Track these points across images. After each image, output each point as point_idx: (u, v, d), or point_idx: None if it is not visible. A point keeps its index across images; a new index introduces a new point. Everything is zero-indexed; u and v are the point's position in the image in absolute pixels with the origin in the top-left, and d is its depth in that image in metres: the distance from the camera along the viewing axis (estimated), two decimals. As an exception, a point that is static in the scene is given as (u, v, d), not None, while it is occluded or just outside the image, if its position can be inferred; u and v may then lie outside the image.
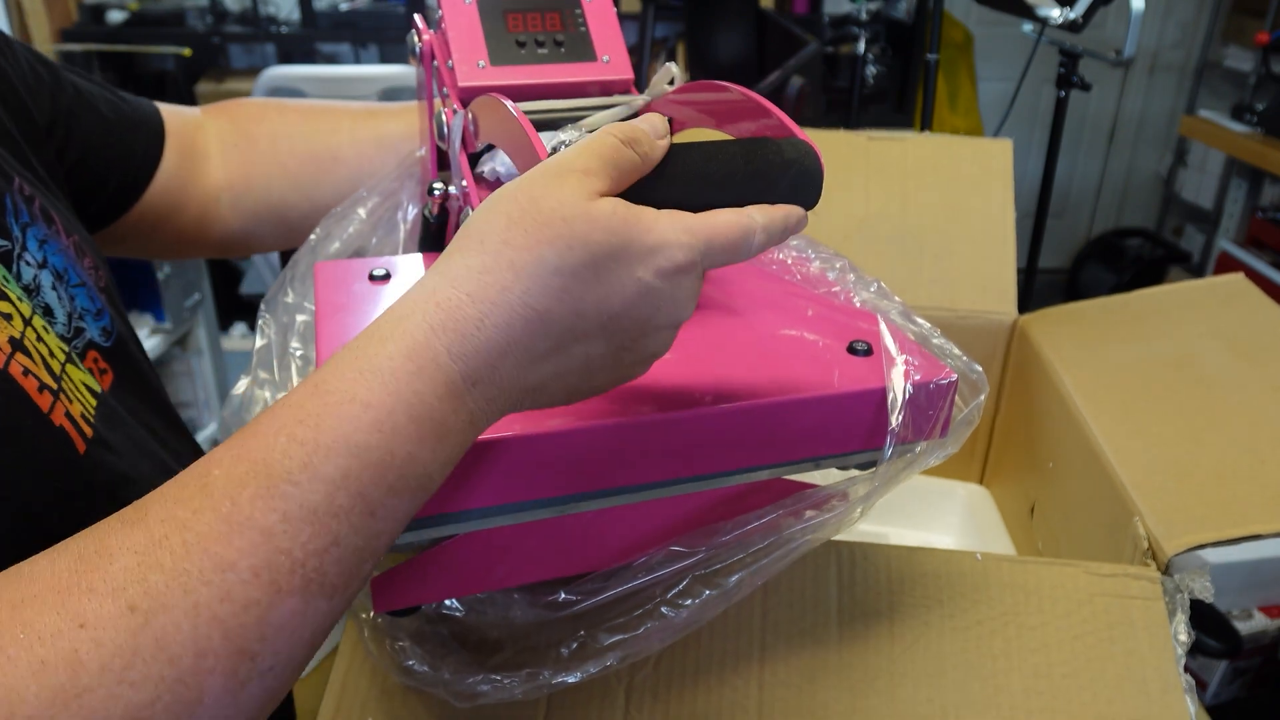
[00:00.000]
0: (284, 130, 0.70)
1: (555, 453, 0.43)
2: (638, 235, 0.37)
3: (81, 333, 0.50)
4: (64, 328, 0.49)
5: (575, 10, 0.57)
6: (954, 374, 0.49)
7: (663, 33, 2.89)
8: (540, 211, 0.36)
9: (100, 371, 0.51)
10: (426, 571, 0.47)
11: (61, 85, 0.60)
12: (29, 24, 2.49)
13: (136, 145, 0.64)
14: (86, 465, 0.44)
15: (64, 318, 0.49)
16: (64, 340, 0.48)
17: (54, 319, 0.48)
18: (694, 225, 0.38)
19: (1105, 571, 0.55)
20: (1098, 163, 3.51)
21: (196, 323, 2.08)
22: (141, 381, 0.55)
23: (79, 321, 0.50)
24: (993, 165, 0.95)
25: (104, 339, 0.52)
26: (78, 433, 0.44)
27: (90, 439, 0.45)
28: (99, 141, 0.62)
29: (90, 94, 0.62)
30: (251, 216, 0.70)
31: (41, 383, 0.43)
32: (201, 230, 0.69)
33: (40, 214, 0.50)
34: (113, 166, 0.63)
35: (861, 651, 0.52)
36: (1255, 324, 0.78)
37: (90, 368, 0.49)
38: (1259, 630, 1.40)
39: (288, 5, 2.82)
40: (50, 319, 0.48)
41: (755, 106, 0.45)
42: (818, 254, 0.61)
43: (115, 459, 0.46)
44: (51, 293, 0.49)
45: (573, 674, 0.47)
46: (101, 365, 0.51)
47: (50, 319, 0.48)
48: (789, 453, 0.47)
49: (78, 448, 0.44)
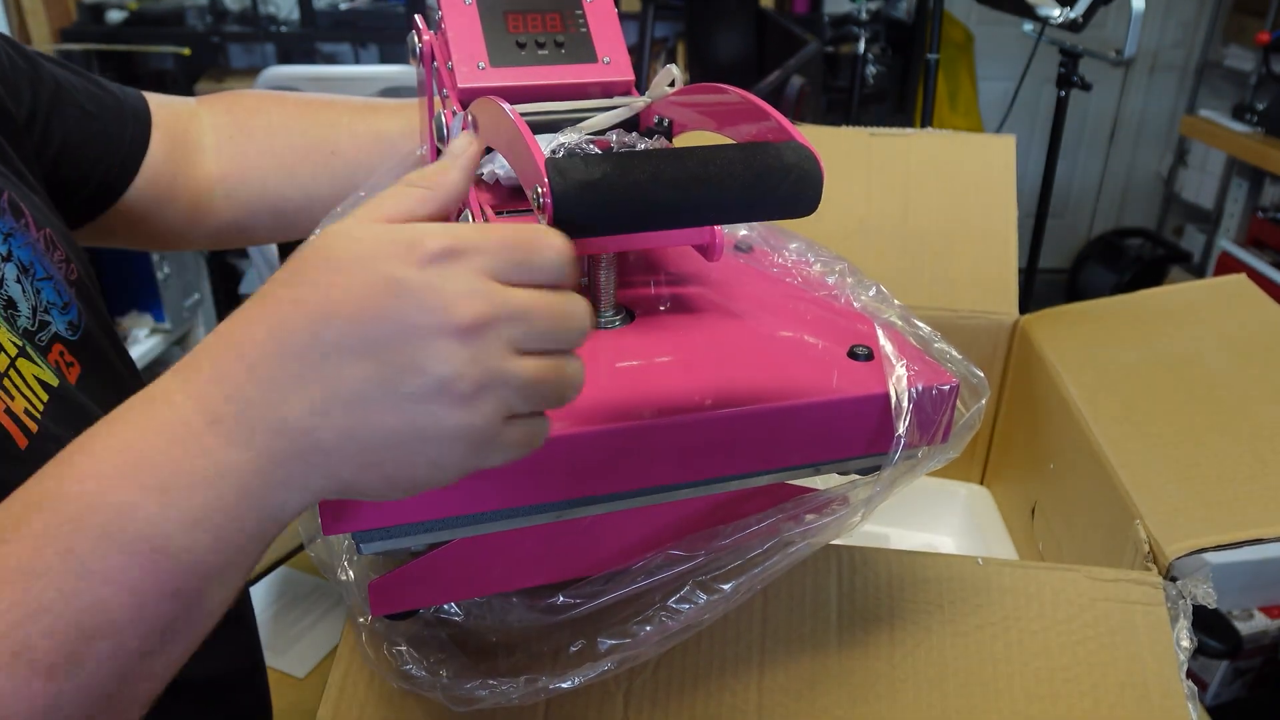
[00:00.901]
0: (281, 123, 0.69)
1: (554, 458, 0.42)
2: (383, 232, 0.33)
3: (46, 326, 0.50)
4: (28, 320, 0.48)
5: (576, 11, 0.57)
6: (956, 380, 0.48)
7: (663, 33, 2.89)
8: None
9: (66, 365, 0.50)
10: (424, 575, 0.47)
11: (41, 77, 0.60)
12: (28, 23, 2.49)
13: (122, 137, 0.64)
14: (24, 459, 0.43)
15: (28, 311, 0.49)
16: (26, 334, 0.48)
17: (17, 312, 0.48)
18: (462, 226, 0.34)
19: (1107, 576, 0.55)
20: (1098, 163, 3.51)
21: (196, 323, 2.08)
22: (111, 373, 0.55)
23: (44, 315, 0.50)
24: (995, 162, 0.94)
25: (70, 332, 0.52)
26: (19, 428, 0.44)
27: (34, 434, 0.44)
28: (80, 134, 0.61)
29: (71, 86, 0.62)
30: (246, 209, 0.69)
31: None
32: (194, 221, 0.68)
33: (8, 207, 0.50)
34: (97, 159, 0.62)
35: (862, 657, 0.52)
36: (1256, 324, 0.78)
37: (55, 361, 0.49)
38: (1259, 630, 1.40)
39: (287, 5, 2.82)
40: (14, 311, 0.48)
41: (755, 109, 0.45)
42: (818, 256, 0.61)
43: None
44: (15, 285, 0.48)
45: (571, 679, 0.47)
46: (68, 359, 0.51)
47: (14, 311, 0.48)
48: (790, 458, 0.47)
49: (18, 443, 0.43)
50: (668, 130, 0.54)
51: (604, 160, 0.39)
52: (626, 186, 0.38)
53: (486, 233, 0.33)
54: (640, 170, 0.39)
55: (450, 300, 0.31)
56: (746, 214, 0.42)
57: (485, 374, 0.32)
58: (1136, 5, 1.60)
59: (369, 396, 0.31)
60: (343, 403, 0.31)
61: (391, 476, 0.33)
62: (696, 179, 0.40)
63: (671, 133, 0.54)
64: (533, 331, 0.33)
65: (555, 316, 0.34)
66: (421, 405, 0.32)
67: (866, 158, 0.96)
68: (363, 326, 0.31)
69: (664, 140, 0.53)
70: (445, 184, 0.36)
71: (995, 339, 0.89)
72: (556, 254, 0.34)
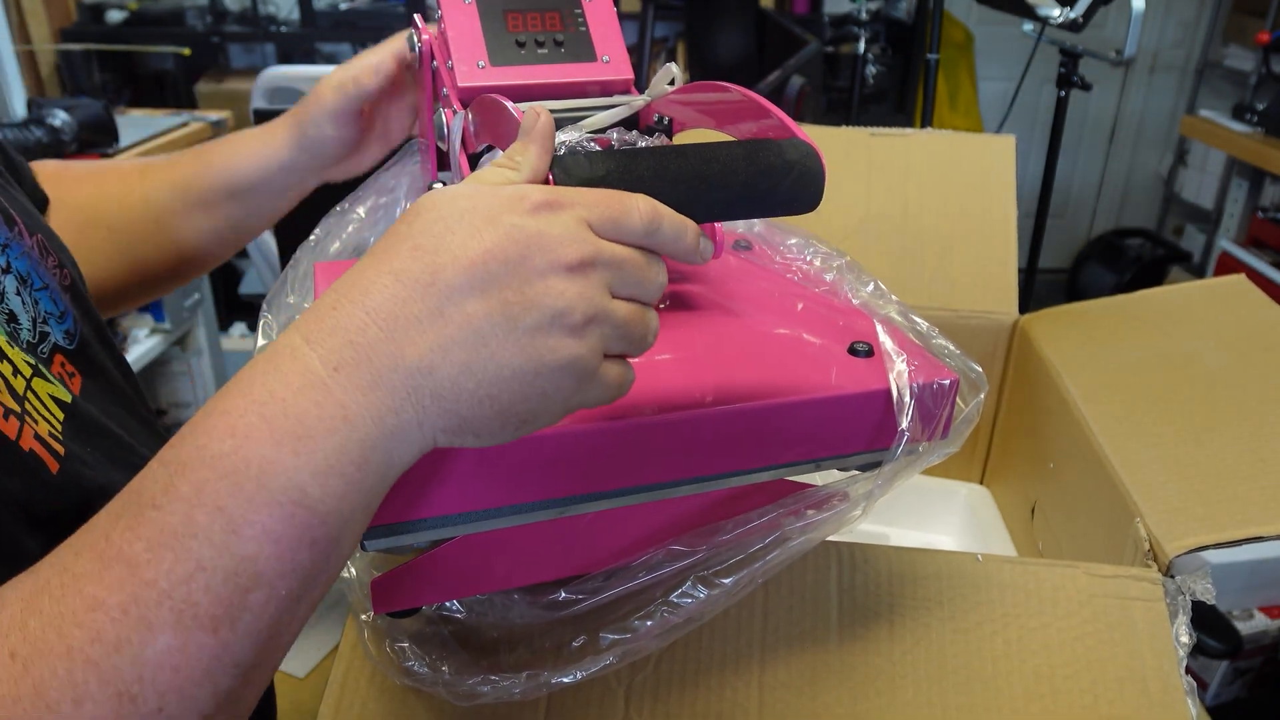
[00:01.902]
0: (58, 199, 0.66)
1: (555, 454, 0.42)
2: (489, 190, 0.35)
3: (46, 337, 0.50)
4: (29, 333, 0.48)
5: (575, 10, 0.57)
6: (955, 375, 0.48)
7: (663, 32, 2.89)
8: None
9: (69, 375, 0.50)
10: (426, 572, 0.47)
11: None
12: (29, 23, 2.49)
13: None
14: (60, 485, 0.43)
15: (29, 323, 0.48)
16: (30, 348, 0.47)
17: (19, 325, 0.47)
18: (559, 187, 0.37)
19: (1106, 573, 0.55)
20: (1098, 163, 3.51)
21: (196, 323, 2.08)
22: (108, 379, 0.54)
23: (43, 326, 0.50)
24: (995, 162, 0.94)
25: (68, 341, 0.51)
26: (49, 453, 0.43)
27: (63, 457, 0.44)
28: None
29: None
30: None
31: (6, 408, 0.42)
32: None
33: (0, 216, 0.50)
34: None
35: (862, 653, 0.52)
36: (1256, 324, 0.78)
37: (59, 373, 0.49)
38: (1259, 630, 1.40)
39: (287, 5, 2.82)
40: (15, 325, 0.47)
41: (756, 107, 0.45)
42: (818, 251, 0.61)
43: (90, 472, 0.46)
44: (16, 299, 0.48)
45: (572, 674, 0.47)
46: (69, 369, 0.50)
47: (15, 325, 0.47)
48: (790, 454, 0.47)
49: (50, 469, 0.43)
50: (668, 128, 0.54)
51: (607, 157, 0.39)
52: (630, 183, 0.39)
53: (582, 192, 0.36)
54: (643, 167, 0.39)
55: (559, 241, 0.34)
56: (749, 211, 0.42)
57: (592, 308, 0.35)
58: (1136, 5, 1.60)
59: (487, 332, 0.33)
60: (462, 340, 0.33)
61: (506, 410, 0.35)
62: (699, 176, 0.40)
63: (672, 131, 0.54)
64: (626, 278, 0.36)
65: (643, 268, 0.37)
66: (537, 337, 0.34)
67: (867, 158, 0.96)
68: (481, 267, 0.33)
69: (664, 138, 0.53)
70: (528, 159, 0.38)
71: (995, 339, 0.89)
72: (642, 216, 0.37)
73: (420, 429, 0.34)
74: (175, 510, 0.31)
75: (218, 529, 0.31)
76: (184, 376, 2.14)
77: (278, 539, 0.32)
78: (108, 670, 0.30)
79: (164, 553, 0.31)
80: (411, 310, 0.33)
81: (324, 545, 0.33)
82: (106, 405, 0.52)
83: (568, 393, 0.36)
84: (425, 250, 0.34)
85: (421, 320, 0.33)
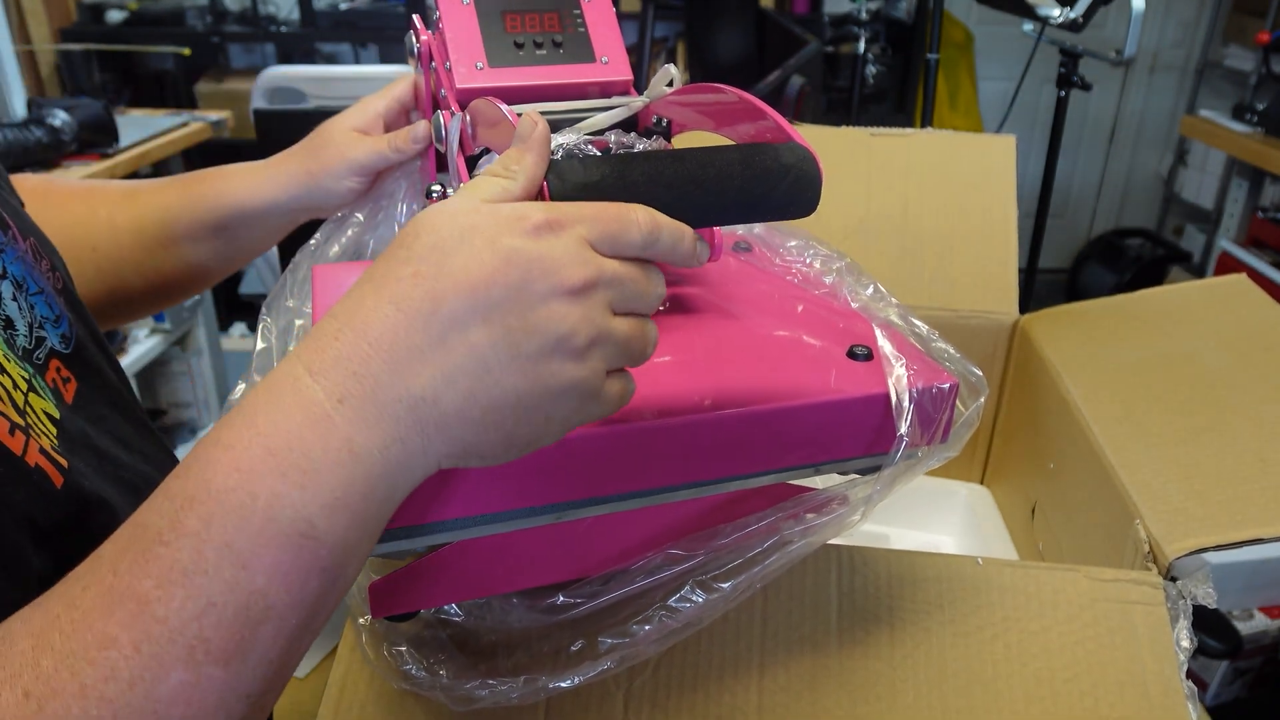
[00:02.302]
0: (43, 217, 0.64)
1: (554, 460, 0.42)
2: (487, 209, 0.35)
3: (43, 342, 0.49)
4: (26, 339, 0.48)
5: (574, 11, 0.57)
6: (954, 379, 0.48)
7: (663, 32, 2.89)
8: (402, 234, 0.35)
9: (64, 380, 0.49)
10: (425, 576, 0.47)
11: None
12: (29, 23, 2.49)
13: None
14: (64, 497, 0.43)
15: (25, 329, 0.48)
16: (26, 354, 0.47)
17: (15, 330, 0.47)
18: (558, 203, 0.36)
19: (1107, 576, 0.55)
20: (1098, 163, 3.51)
21: (196, 323, 2.08)
22: (104, 382, 0.54)
23: (39, 331, 0.49)
24: (995, 162, 0.94)
25: (64, 346, 0.51)
26: (54, 466, 0.43)
27: (66, 470, 0.44)
28: None
29: None
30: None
31: (12, 423, 0.41)
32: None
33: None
34: None
35: (862, 657, 0.52)
36: (1256, 324, 0.78)
37: (53, 379, 0.48)
38: (1260, 630, 1.40)
39: (287, 5, 2.82)
40: (12, 331, 0.47)
41: (753, 109, 0.45)
42: (818, 253, 0.61)
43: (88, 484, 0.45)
44: (12, 304, 0.47)
45: (571, 678, 0.47)
46: (64, 374, 0.50)
47: (12, 331, 0.47)
48: (789, 459, 0.47)
49: (55, 482, 0.43)
50: (666, 130, 0.54)
51: (602, 163, 0.39)
52: (624, 189, 0.38)
53: (581, 208, 0.36)
54: (638, 172, 0.39)
55: (561, 265, 0.34)
56: (745, 216, 0.42)
57: (594, 330, 0.35)
58: (1136, 5, 1.60)
59: (491, 360, 0.34)
60: (466, 369, 0.33)
61: (511, 435, 0.35)
62: (694, 181, 0.40)
63: (670, 133, 0.54)
64: (626, 294, 0.36)
65: (641, 282, 0.37)
66: (540, 363, 0.34)
67: (866, 158, 0.96)
68: (483, 294, 0.33)
69: (662, 140, 0.53)
70: (524, 168, 0.38)
71: (995, 339, 0.89)
72: (641, 230, 0.37)
73: (425, 456, 0.34)
74: (183, 546, 0.31)
75: (227, 565, 0.31)
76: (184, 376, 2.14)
77: (286, 572, 0.32)
78: (122, 708, 0.30)
79: (174, 590, 0.31)
80: (414, 340, 0.33)
81: (331, 574, 0.33)
82: (102, 411, 0.52)
83: (571, 411, 0.36)
84: (425, 277, 0.33)
85: (424, 350, 0.33)
